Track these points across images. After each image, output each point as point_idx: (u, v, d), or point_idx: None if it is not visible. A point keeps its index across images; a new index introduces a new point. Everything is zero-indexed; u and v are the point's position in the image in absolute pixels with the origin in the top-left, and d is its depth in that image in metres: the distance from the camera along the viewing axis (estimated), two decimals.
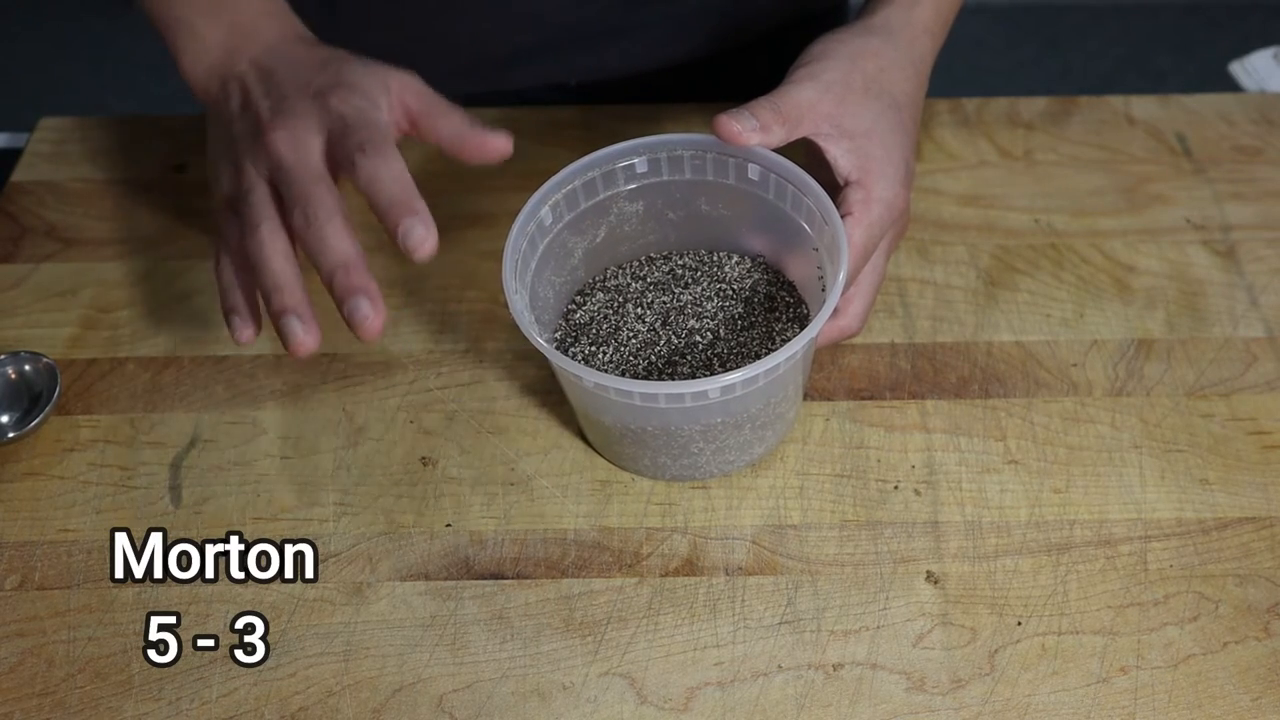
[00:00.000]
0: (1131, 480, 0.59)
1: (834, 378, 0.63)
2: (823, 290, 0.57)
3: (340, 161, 0.55)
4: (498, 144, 0.56)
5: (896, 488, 0.59)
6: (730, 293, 0.62)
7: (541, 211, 0.58)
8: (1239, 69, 0.89)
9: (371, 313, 0.52)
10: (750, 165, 0.58)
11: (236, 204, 0.57)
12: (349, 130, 0.55)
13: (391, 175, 0.53)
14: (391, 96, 0.58)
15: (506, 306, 0.66)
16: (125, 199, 0.74)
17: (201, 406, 0.63)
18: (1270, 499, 0.58)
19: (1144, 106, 0.79)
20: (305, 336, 0.53)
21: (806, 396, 0.62)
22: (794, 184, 0.57)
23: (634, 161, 0.59)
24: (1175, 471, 0.59)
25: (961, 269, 0.68)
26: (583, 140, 0.76)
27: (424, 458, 0.60)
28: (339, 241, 0.53)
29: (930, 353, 0.64)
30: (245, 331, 0.55)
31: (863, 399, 0.62)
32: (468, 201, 0.72)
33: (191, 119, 0.80)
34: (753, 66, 0.84)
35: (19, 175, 0.75)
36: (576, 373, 0.52)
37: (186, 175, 0.75)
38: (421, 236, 0.52)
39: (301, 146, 0.55)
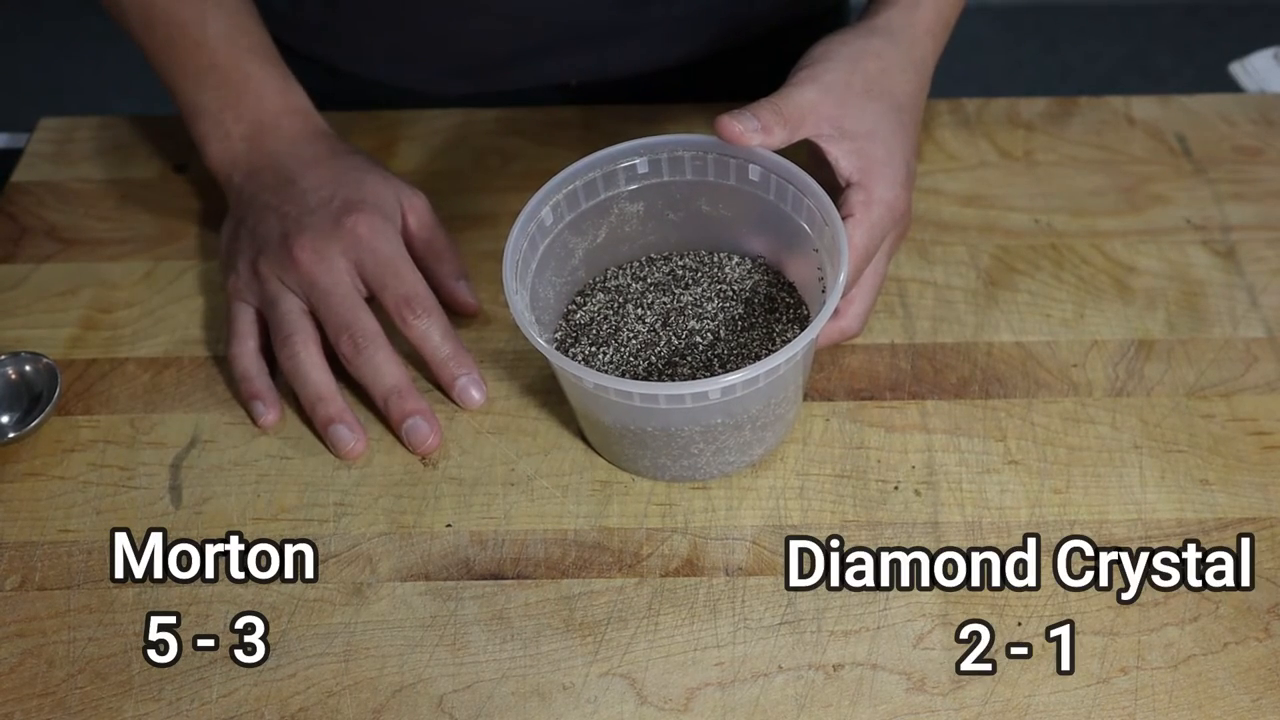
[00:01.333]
0: (1131, 480, 0.59)
1: (834, 378, 0.63)
2: (823, 291, 0.57)
3: (385, 307, 0.61)
4: (466, 303, 0.65)
5: (896, 488, 0.59)
6: (730, 294, 0.62)
7: (542, 212, 0.58)
8: (1239, 69, 0.89)
9: (429, 432, 0.59)
10: (751, 166, 0.58)
11: (263, 307, 0.63)
12: (385, 273, 0.61)
13: (442, 334, 0.61)
14: (403, 217, 0.64)
15: (506, 306, 0.66)
16: (125, 199, 0.74)
17: (201, 406, 0.63)
18: (1270, 499, 0.58)
19: (1144, 107, 0.79)
20: (355, 443, 0.59)
21: (806, 396, 0.62)
22: (795, 185, 0.57)
23: (635, 162, 0.59)
24: (1175, 472, 0.59)
25: (961, 269, 0.68)
26: (583, 140, 0.75)
27: (424, 458, 0.60)
28: (389, 367, 0.60)
29: (930, 353, 0.64)
30: (270, 416, 0.61)
31: (863, 399, 0.62)
32: (468, 201, 0.72)
33: None
34: (753, 67, 0.83)
35: (19, 175, 0.75)
36: (577, 374, 0.52)
37: (186, 175, 0.75)
38: (475, 395, 0.61)
39: (332, 270, 0.61)
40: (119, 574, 0.56)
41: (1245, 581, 0.55)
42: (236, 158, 0.66)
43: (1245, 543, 0.56)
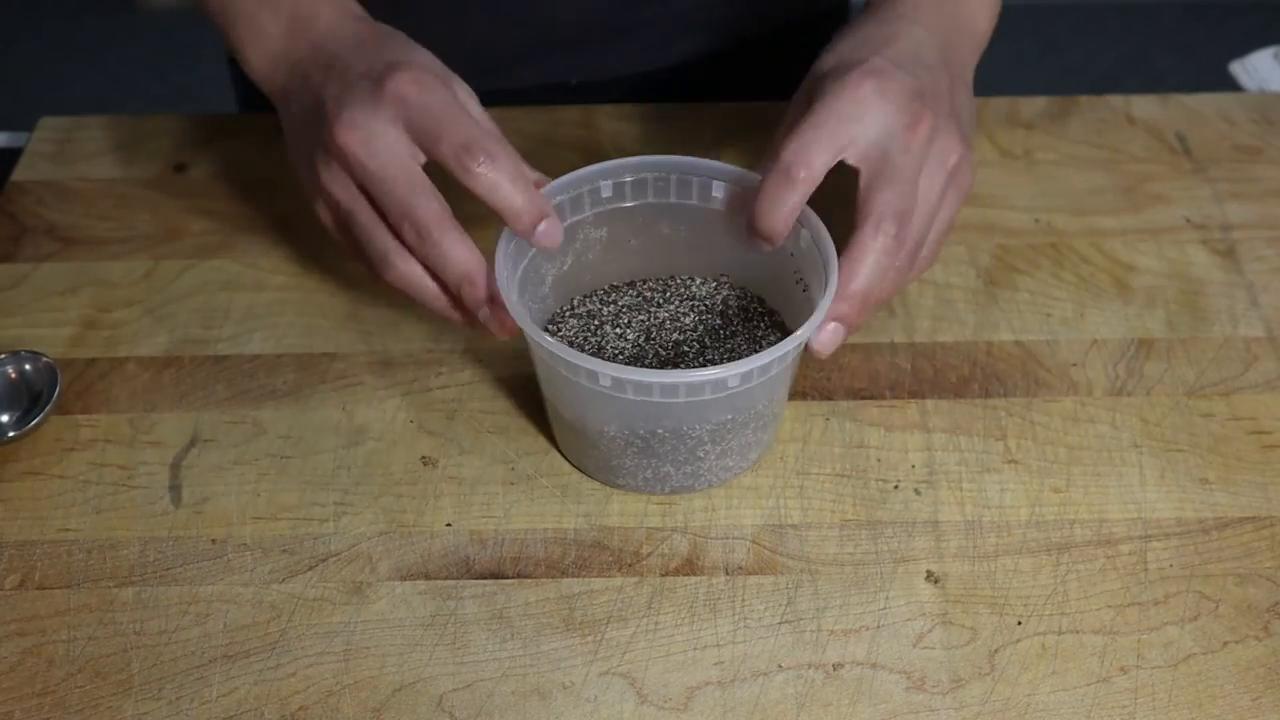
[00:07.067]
0: (1131, 480, 0.59)
1: (834, 377, 0.63)
2: (804, 290, 0.57)
3: (443, 163, 0.54)
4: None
5: (896, 487, 0.59)
6: (704, 308, 0.61)
7: (510, 248, 0.56)
8: (1239, 69, 0.89)
9: (505, 319, 0.54)
10: (715, 183, 0.58)
11: (340, 225, 0.58)
12: (438, 124, 0.54)
13: (512, 179, 0.54)
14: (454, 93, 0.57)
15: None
16: (125, 199, 0.74)
17: (201, 406, 0.63)
18: (1270, 499, 0.58)
19: (1144, 106, 0.79)
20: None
21: (806, 396, 0.62)
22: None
23: (599, 185, 0.58)
24: (1175, 471, 0.59)
25: (961, 268, 0.68)
26: (583, 140, 0.76)
27: (424, 458, 0.60)
28: (458, 253, 0.54)
29: (930, 352, 0.64)
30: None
31: (862, 399, 0.62)
32: (466, 202, 0.71)
33: (191, 119, 0.80)
34: (753, 66, 0.84)
35: (19, 175, 0.75)
36: (593, 368, 0.50)
37: (186, 175, 0.75)
38: (555, 233, 0.55)
39: (381, 147, 0.54)
40: (119, 573, 0.56)
41: (1245, 581, 0.55)
42: (277, 57, 0.61)
43: (1245, 542, 0.56)
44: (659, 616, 0.54)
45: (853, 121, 0.52)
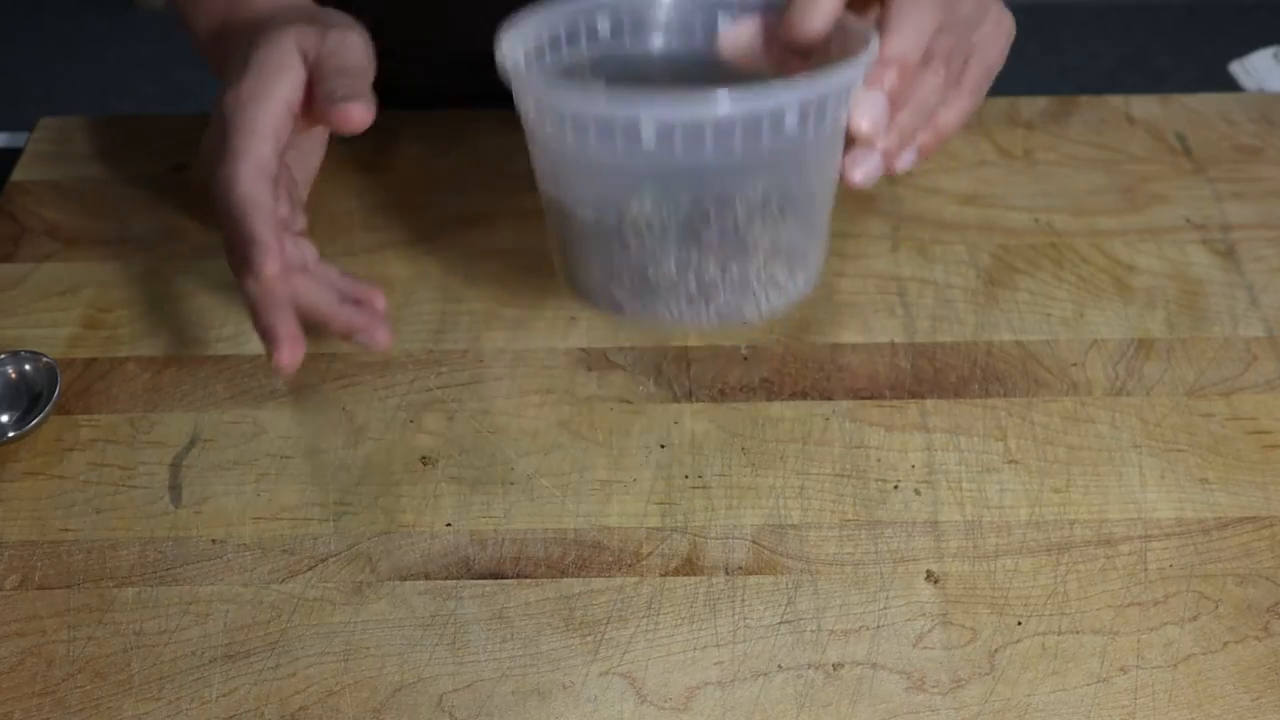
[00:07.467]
0: (1131, 480, 0.59)
1: (834, 377, 0.63)
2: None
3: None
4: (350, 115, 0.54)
5: (896, 487, 0.59)
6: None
7: (517, 52, 0.51)
8: (1239, 69, 0.89)
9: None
10: (720, 15, 0.53)
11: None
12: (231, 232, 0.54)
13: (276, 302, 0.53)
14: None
15: (509, 307, 0.66)
16: (125, 199, 0.74)
17: (201, 406, 0.63)
18: (1270, 499, 0.58)
19: (1144, 106, 0.79)
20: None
21: (806, 396, 0.62)
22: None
23: (597, 18, 0.53)
24: (1175, 471, 0.59)
25: (961, 268, 0.68)
26: None
27: (424, 458, 0.60)
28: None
29: (930, 352, 0.64)
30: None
31: (862, 399, 0.62)
32: (466, 202, 0.72)
33: (191, 119, 0.80)
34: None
35: (19, 175, 0.75)
36: (631, 115, 0.44)
37: (186, 175, 0.75)
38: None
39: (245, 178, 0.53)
40: (119, 573, 0.56)
41: (1245, 581, 0.55)
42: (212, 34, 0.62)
43: (1245, 542, 0.56)
44: (659, 616, 0.54)
45: None
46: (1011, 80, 0.65)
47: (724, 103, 0.44)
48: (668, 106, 0.44)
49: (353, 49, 0.56)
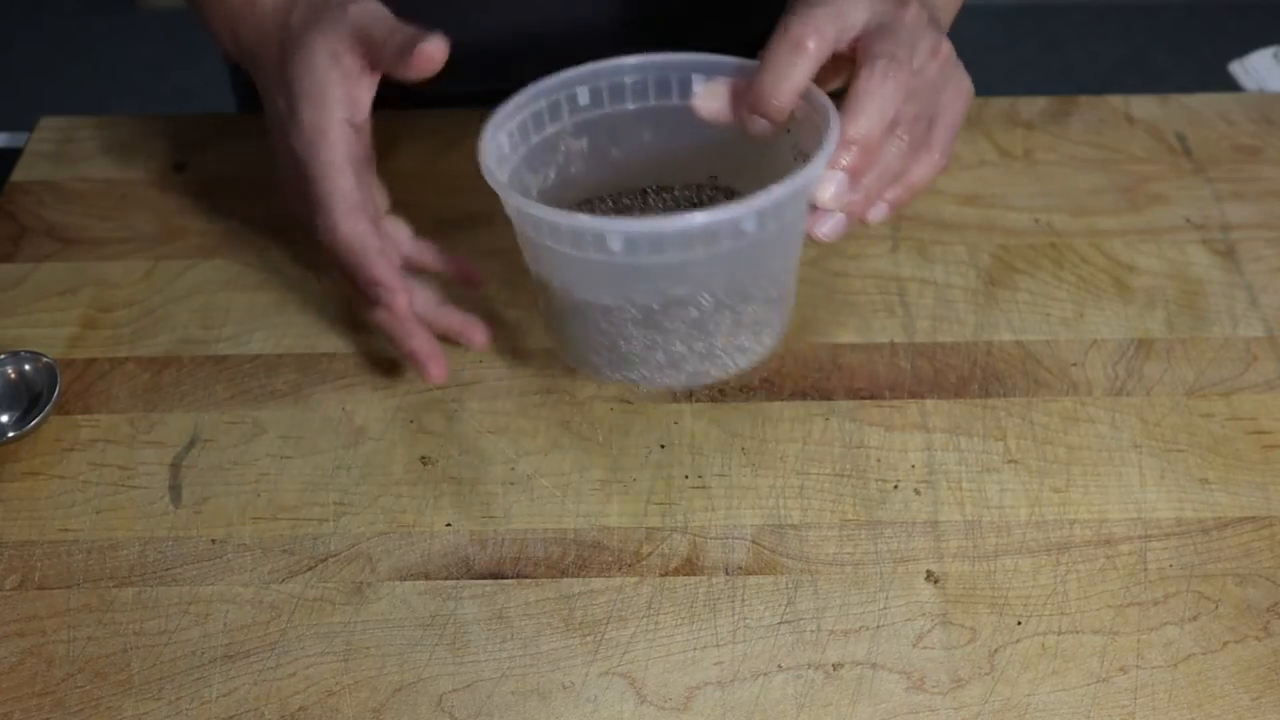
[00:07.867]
0: (1131, 480, 0.59)
1: (833, 377, 0.63)
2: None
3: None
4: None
5: (896, 487, 0.59)
6: (695, 203, 0.60)
7: (499, 137, 0.55)
8: (1239, 69, 0.89)
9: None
10: (694, 77, 0.56)
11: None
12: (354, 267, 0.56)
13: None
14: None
15: (511, 307, 0.66)
16: (125, 199, 0.74)
17: (201, 406, 0.63)
18: (1270, 499, 0.58)
19: (1144, 106, 0.79)
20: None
21: (806, 396, 0.62)
22: (748, 74, 0.54)
23: (576, 92, 0.57)
24: (1175, 471, 0.59)
25: (961, 269, 0.68)
26: None
27: (424, 458, 0.60)
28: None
29: (930, 352, 0.64)
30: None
31: (862, 399, 0.62)
32: (465, 202, 0.72)
33: (191, 119, 0.80)
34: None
35: (19, 175, 0.75)
36: (600, 227, 0.48)
37: (186, 175, 0.75)
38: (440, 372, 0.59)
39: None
40: (119, 573, 0.56)
41: (1244, 581, 0.55)
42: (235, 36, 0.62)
43: (1244, 542, 0.56)
44: (659, 616, 0.54)
45: (849, 3, 0.53)
46: (1011, 80, 0.65)
47: (686, 222, 0.48)
48: (633, 223, 0.48)
49: (377, 11, 0.58)
